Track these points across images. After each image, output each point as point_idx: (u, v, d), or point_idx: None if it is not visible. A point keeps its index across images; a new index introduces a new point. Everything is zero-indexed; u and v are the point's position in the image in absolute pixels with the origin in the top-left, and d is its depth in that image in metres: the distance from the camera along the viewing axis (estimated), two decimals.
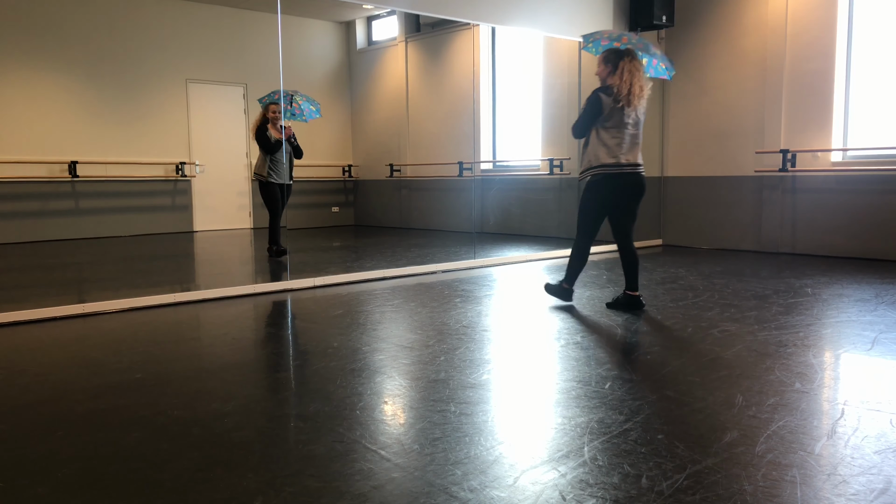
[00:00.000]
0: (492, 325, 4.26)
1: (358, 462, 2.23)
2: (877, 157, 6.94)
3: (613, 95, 4.44)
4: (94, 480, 2.14)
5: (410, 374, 3.23)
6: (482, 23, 7.10)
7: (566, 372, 3.30)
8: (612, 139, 4.48)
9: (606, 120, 4.48)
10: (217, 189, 10.99)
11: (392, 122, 11.74)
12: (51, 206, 9.67)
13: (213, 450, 2.35)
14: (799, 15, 7.25)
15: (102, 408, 2.81)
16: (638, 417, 2.60)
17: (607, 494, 1.99)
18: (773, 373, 3.14)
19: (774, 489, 2.00)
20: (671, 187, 8.57)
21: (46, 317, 4.58)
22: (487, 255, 7.46)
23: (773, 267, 6.52)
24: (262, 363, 3.60)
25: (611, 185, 4.54)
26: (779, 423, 2.51)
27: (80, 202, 9.91)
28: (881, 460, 2.19)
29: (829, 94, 7.13)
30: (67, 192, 9.81)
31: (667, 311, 4.57)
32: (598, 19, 7.72)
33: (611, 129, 4.48)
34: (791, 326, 4.06)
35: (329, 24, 12.12)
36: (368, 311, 4.77)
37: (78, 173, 9.76)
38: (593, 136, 4.57)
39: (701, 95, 8.17)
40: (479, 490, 2.02)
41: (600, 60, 4.60)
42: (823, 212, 7.22)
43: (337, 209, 12.49)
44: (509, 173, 10.27)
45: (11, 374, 3.36)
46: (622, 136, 4.49)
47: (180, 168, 10.63)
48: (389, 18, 11.75)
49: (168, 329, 4.40)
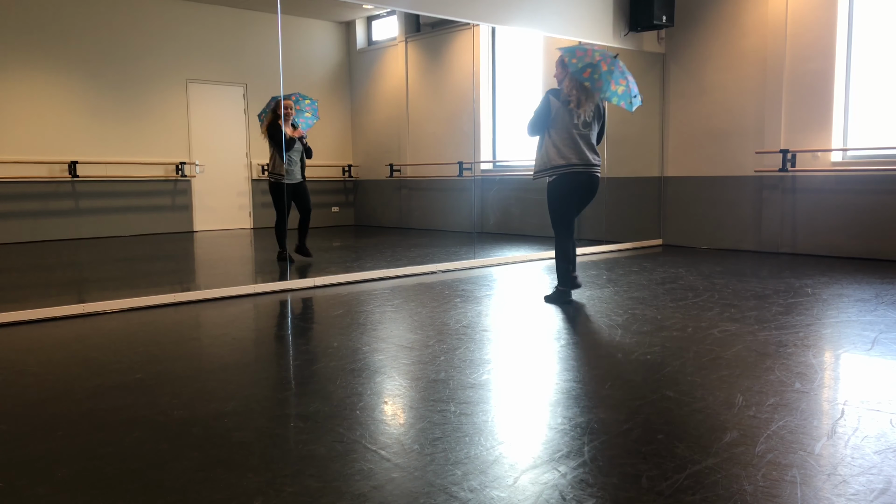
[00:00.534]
0: (492, 325, 4.26)
1: (358, 462, 2.23)
2: (877, 157, 6.94)
3: (562, 98, 4.65)
4: (94, 480, 2.15)
5: (410, 374, 3.23)
6: (482, 23, 7.10)
7: (566, 372, 3.30)
8: (560, 140, 4.68)
9: (555, 122, 4.68)
10: (217, 189, 11.00)
11: (392, 122, 11.75)
12: (51, 206, 9.67)
13: (213, 450, 2.35)
14: (799, 15, 7.25)
15: (102, 408, 2.81)
16: (638, 417, 2.60)
17: (607, 494, 1.99)
18: (773, 373, 3.14)
19: (774, 489, 2.00)
20: (671, 187, 8.57)
21: (46, 317, 4.58)
22: (487, 255, 7.46)
23: (773, 267, 6.52)
24: (262, 363, 3.60)
25: (565, 181, 4.74)
26: (779, 423, 2.51)
27: (80, 202, 9.91)
28: (881, 460, 2.19)
29: (829, 94, 7.13)
30: (67, 192, 9.81)
31: (667, 311, 4.57)
32: (599, 19, 7.72)
33: (560, 130, 4.68)
34: (791, 326, 4.06)
35: (329, 24, 12.13)
36: (368, 311, 4.77)
37: (78, 173, 9.76)
38: (546, 138, 4.77)
39: (701, 95, 8.17)
40: (479, 490, 2.02)
41: (557, 63, 4.80)
42: (823, 212, 7.22)
43: (337, 209, 12.49)
44: (509, 173, 10.27)
45: (11, 374, 3.36)
46: (571, 138, 4.67)
47: (180, 168, 10.63)
48: (389, 18, 11.75)
49: (168, 329, 4.40)
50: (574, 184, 4.74)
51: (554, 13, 7.30)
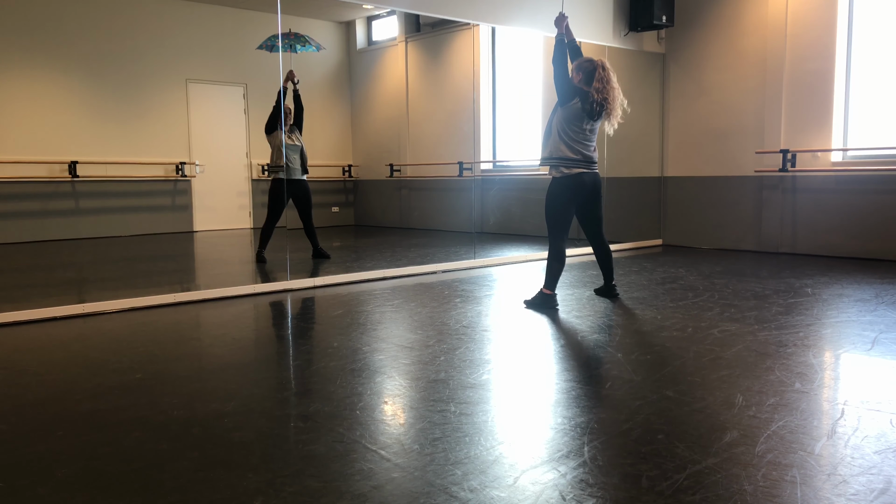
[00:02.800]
0: (492, 325, 4.26)
1: (358, 462, 2.23)
2: (877, 157, 6.94)
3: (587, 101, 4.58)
4: (94, 480, 2.14)
5: (410, 374, 3.23)
6: (482, 23, 7.10)
7: (566, 372, 3.30)
8: (569, 138, 4.68)
9: (570, 118, 4.64)
10: (217, 189, 11.00)
11: (392, 122, 11.75)
12: (51, 206, 9.67)
13: (213, 450, 2.35)
14: (799, 15, 7.25)
15: (102, 408, 2.81)
16: (638, 417, 2.60)
17: (607, 494, 1.98)
18: (773, 373, 3.14)
19: (774, 489, 2.00)
20: (671, 187, 8.57)
21: (46, 317, 4.58)
22: (487, 255, 7.46)
23: (773, 267, 6.52)
24: (262, 363, 3.60)
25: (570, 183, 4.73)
26: (779, 423, 2.51)
27: (80, 202, 9.92)
28: (881, 460, 2.19)
29: (829, 94, 7.13)
30: (67, 192, 9.81)
31: (667, 311, 4.57)
32: (599, 19, 7.71)
33: (572, 125, 4.67)
34: (791, 326, 4.06)
35: (329, 24, 12.13)
36: (368, 311, 4.77)
37: (78, 173, 9.76)
38: (556, 129, 4.72)
39: (701, 95, 8.17)
40: (479, 490, 2.02)
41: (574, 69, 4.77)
42: (823, 212, 7.22)
43: (337, 209, 12.49)
44: (509, 173, 10.27)
45: (12, 374, 3.36)
46: (583, 135, 4.66)
47: (180, 168, 10.63)
48: (389, 18, 11.75)
49: (168, 329, 4.40)
50: (579, 187, 4.67)
51: (554, 13, 7.28)
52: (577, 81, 4.68)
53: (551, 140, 4.72)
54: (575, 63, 4.74)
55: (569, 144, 4.64)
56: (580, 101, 4.58)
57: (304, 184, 7.15)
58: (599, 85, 4.53)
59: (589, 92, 4.57)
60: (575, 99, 4.61)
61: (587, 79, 4.63)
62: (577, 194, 4.70)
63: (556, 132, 4.69)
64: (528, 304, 4.83)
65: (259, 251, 7.12)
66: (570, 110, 4.62)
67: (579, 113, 4.59)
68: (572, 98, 4.62)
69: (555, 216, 4.77)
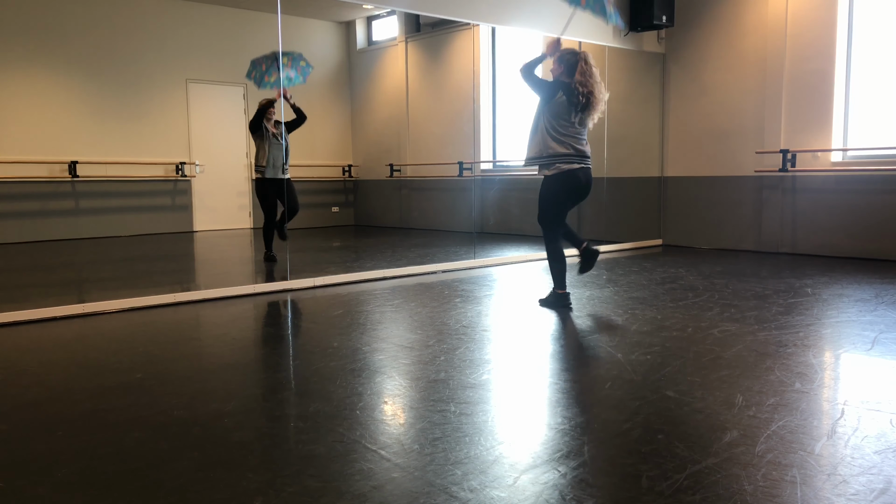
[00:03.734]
0: (492, 325, 4.26)
1: (358, 462, 2.23)
2: (877, 157, 6.94)
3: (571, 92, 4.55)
4: (94, 480, 2.14)
5: (410, 374, 3.23)
6: (482, 23, 7.10)
7: (566, 372, 3.30)
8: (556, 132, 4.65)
9: (556, 113, 4.62)
10: (217, 189, 10.99)
11: (392, 122, 11.74)
12: (51, 206, 9.67)
13: (213, 450, 2.35)
14: (799, 15, 7.25)
15: (102, 408, 2.81)
16: (638, 417, 2.60)
17: (607, 494, 1.98)
18: (773, 373, 3.14)
19: (774, 489, 2.00)
20: (671, 187, 8.57)
21: (46, 317, 4.58)
22: (487, 255, 7.46)
23: (773, 267, 6.52)
24: (262, 363, 3.60)
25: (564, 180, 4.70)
26: (779, 423, 2.51)
27: (80, 202, 9.91)
28: (881, 460, 2.19)
29: (829, 94, 7.13)
30: (67, 192, 9.81)
31: (667, 311, 4.57)
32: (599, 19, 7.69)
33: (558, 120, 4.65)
34: (791, 326, 4.06)
35: (329, 24, 12.13)
36: (368, 311, 4.77)
37: (78, 173, 9.76)
38: (542, 125, 4.70)
39: (701, 95, 8.17)
40: (479, 490, 2.02)
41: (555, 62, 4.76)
42: (823, 212, 7.22)
43: (337, 209, 12.49)
44: (509, 173, 10.27)
45: (12, 374, 3.36)
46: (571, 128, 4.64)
47: (180, 168, 10.63)
48: (389, 18, 11.75)
49: (168, 329, 4.40)
50: (574, 183, 4.64)
51: (554, 13, 7.29)
52: (559, 73, 4.64)
53: (538, 139, 4.66)
54: (557, 55, 4.70)
55: (559, 140, 4.58)
56: (565, 95, 4.52)
57: (282, 182, 7.06)
58: (582, 78, 4.50)
59: (571, 84, 4.52)
60: (559, 93, 4.55)
61: (569, 70, 4.57)
62: (571, 191, 4.67)
63: (543, 130, 4.63)
64: (543, 302, 4.86)
65: (266, 252, 7.15)
66: (557, 105, 4.56)
67: (566, 106, 4.53)
68: (556, 93, 4.56)
69: (549, 216, 4.74)
